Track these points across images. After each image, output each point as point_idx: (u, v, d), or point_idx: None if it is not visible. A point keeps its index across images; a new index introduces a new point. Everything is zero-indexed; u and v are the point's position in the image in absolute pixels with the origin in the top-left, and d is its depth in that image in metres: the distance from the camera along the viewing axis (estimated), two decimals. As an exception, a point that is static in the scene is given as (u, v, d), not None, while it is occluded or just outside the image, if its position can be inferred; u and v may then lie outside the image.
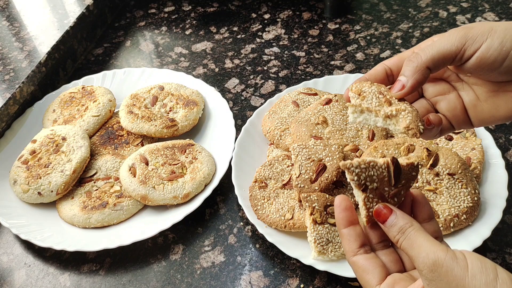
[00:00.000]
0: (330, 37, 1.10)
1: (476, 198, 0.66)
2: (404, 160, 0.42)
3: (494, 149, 0.74)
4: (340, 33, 1.10)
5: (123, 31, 1.21)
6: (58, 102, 0.92)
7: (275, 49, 1.08)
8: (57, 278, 0.70)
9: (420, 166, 0.69)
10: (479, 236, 0.64)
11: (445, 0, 1.16)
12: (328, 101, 0.79)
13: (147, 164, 0.77)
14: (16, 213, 0.75)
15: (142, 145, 0.84)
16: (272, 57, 1.06)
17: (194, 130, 0.89)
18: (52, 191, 0.75)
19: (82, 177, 0.79)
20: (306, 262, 0.63)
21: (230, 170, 0.76)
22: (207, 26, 1.18)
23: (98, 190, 0.77)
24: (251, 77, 1.01)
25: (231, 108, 0.93)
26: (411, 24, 1.10)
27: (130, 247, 0.71)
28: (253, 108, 0.93)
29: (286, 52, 1.07)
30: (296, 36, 1.11)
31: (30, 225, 0.74)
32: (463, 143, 0.74)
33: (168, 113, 0.87)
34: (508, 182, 0.69)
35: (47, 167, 0.77)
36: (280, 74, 1.01)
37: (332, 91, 0.87)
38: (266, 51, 1.08)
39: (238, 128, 0.85)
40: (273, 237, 0.67)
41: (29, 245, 0.74)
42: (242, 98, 0.97)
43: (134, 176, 0.75)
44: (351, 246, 0.43)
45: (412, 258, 0.38)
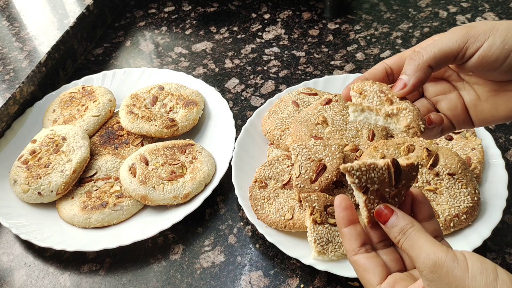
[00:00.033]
0: (330, 37, 1.10)
1: (476, 198, 0.66)
2: (404, 161, 0.42)
3: (494, 149, 0.74)
4: (340, 33, 1.10)
5: (123, 31, 1.21)
6: (58, 102, 0.92)
7: (275, 49, 1.08)
8: (57, 278, 0.70)
9: (420, 166, 0.69)
10: (479, 236, 0.64)
11: (445, 0, 1.16)
12: (328, 101, 0.79)
13: (147, 164, 0.77)
14: (16, 213, 0.75)
15: (142, 145, 0.84)
16: (272, 57, 1.06)
17: (194, 130, 0.89)
18: (52, 191, 0.75)
19: (82, 177, 0.79)
20: (306, 262, 0.63)
21: (230, 170, 0.76)
22: (207, 26, 1.18)
23: (98, 190, 0.77)
24: (251, 77, 1.01)
25: (231, 108, 0.93)
26: (411, 24, 1.10)
27: (130, 247, 0.71)
28: (253, 108, 0.93)
29: (286, 52, 1.07)
30: (296, 36, 1.11)
31: (30, 225, 0.74)
32: (463, 143, 0.74)
33: (168, 113, 0.87)
34: (508, 182, 0.69)
35: (47, 167, 0.77)
36: (280, 74, 1.01)
37: (332, 91, 0.87)
38: (266, 51, 1.08)
39: (238, 128, 0.85)
40: (273, 237, 0.67)
41: (29, 245, 0.74)
42: (242, 98, 0.97)
43: (134, 176, 0.75)
44: (352, 245, 0.43)
45: (413, 259, 0.38)
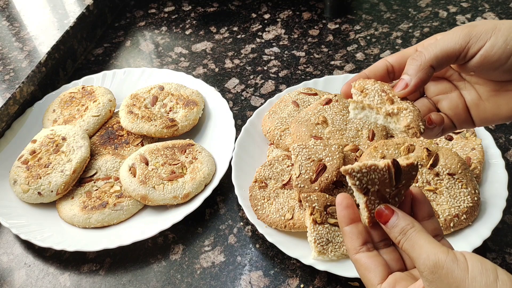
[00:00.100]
0: (330, 37, 1.10)
1: (476, 198, 0.66)
2: (404, 161, 0.42)
3: (494, 149, 0.74)
4: (340, 33, 1.10)
5: (123, 31, 1.21)
6: (58, 102, 0.92)
7: (275, 49, 1.08)
8: (57, 278, 0.70)
9: (420, 166, 0.69)
10: (479, 236, 0.64)
11: (445, 0, 1.16)
12: (328, 101, 0.79)
13: (147, 164, 0.77)
14: (16, 213, 0.75)
15: (142, 145, 0.84)
16: (272, 57, 1.06)
17: (194, 130, 0.89)
18: (52, 191, 0.75)
19: (82, 177, 0.79)
20: (306, 262, 0.63)
21: (230, 170, 0.76)
22: (207, 26, 1.18)
23: (98, 190, 0.77)
24: (251, 77, 1.01)
25: (231, 108, 0.93)
26: (411, 24, 1.10)
27: (130, 247, 0.71)
28: (253, 108, 0.93)
29: (286, 52, 1.07)
30: (296, 36, 1.11)
31: (30, 225, 0.74)
32: (463, 143, 0.74)
33: (168, 113, 0.87)
34: (508, 182, 0.69)
35: (47, 167, 0.77)
36: (280, 74, 1.01)
37: (332, 91, 0.87)
38: (266, 51, 1.08)
39: (238, 128, 0.85)
40: (273, 237, 0.67)
41: (29, 245, 0.74)
42: (242, 98, 0.97)
43: (134, 176, 0.75)
44: (353, 243, 0.43)
45: (413, 259, 0.38)
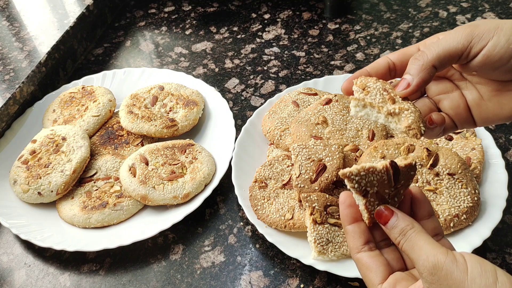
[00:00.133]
0: (330, 37, 1.10)
1: (476, 198, 0.66)
2: (402, 161, 0.42)
3: (494, 149, 0.74)
4: (340, 33, 1.10)
5: (123, 31, 1.21)
6: (58, 102, 0.92)
7: (275, 49, 1.08)
8: (57, 278, 0.70)
9: (420, 166, 0.69)
10: (479, 236, 0.64)
11: (445, 0, 1.16)
12: (328, 101, 0.79)
13: (147, 164, 0.77)
14: (16, 213, 0.75)
15: (142, 145, 0.84)
16: (272, 57, 1.06)
17: (194, 130, 0.89)
18: (52, 191, 0.75)
19: (82, 177, 0.79)
20: (306, 262, 0.63)
21: (230, 170, 0.76)
22: (207, 26, 1.18)
23: (98, 190, 0.77)
24: (251, 77, 1.01)
25: (231, 108, 0.93)
26: (411, 24, 1.10)
27: (130, 247, 0.71)
28: (253, 108, 0.93)
29: (286, 52, 1.07)
30: (296, 36, 1.11)
31: (30, 225, 0.74)
32: (463, 143, 0.74)
33: (168, 113, 0.87)
34: (508, 182, 0.69)
35: (47, 167, 0.77)
36: (280, 74, 1.01)
37: (332, 91, 0.87)
38: (266, 51, 1.08)
39: (238, 128, 0.85)
40: (273, 237, 0.67)
41: (29, 245, 0.74)
42: (242, 98, 0.97)
43: (134, 176, 0.75)
44: (355, 243, 0.43)
45: (413, 260, 0.38)
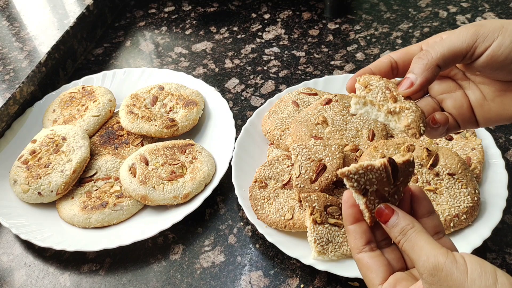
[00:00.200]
0: (330, 37, 1.10)
1: (476, 198, 0.66)
2: (400, 158, 0.42)
3: (494, 149, 0.74)
4: (340, 33, 1.10)
5: (123, 31, 1.21)
6: (58, 102, 0.92)
7: (275, 49, 1.08)
8: (57, 278, 0.70)
9: (420, 166, 0.69)
10: (479, 236, 0.64)
11: (445, 0, 1.16)
12: (328, 101, 0.79)
13: (147, 164, 0.77)
14: (16, 213, 0.75)
15: (142, 145, 0.84)
16: (272, 57, 1.06)
17: (194, 130, 0.89)
18: (52, 191, 0.75)
19: (82, 177, 0.79)
20: (306, 262, 0.63)
21: (230, 170, 0.76)
22: (207, 26, 1.18)
23: (98, 190, 0.77)
24: (251, 77, 1.01)
25: (231, 108, 0.93)
26: (411, 24, 1.10)
27: (130, 247, 0.71)
28: (253, 108, 0.93)
29: (286, 52, 1.07)
30: (296, 36, 1.11)
31: (30, 225, 0.74)
32: (463, 143, 0.74)
33: (168, 113, 0.87)
34: (508, 182, 0.69)
35: (47, 167, 0.77)
36: (280, 74, 1.01)
37: (332, 91, 0.87)
38: (266, 51, 1.08)
39: (238, 128, 0.85)
40: (273, 237, 0.67)
41: (29, 245, 0.74)
42: (242, 98, 0.97)
43: (134, 176, 0.75)
44: (356, 243, 0.43)
45: (413, 261, 0.38)
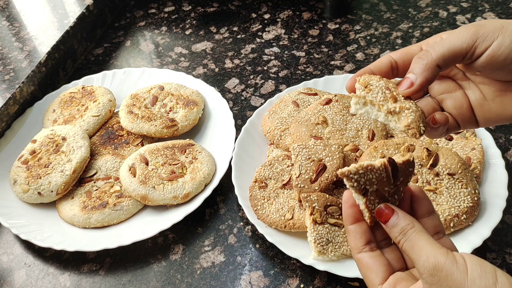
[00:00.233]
0: (330, 37, 1.10)
1: (476, 198, 0.66)
2: (400, 158, 0.42)
3: (494, 149, 0.74)
4: (340, 33, 1.10)
5: (123, 31, 1.21)
6: (58, 102, 0.92)
7: (275, 49, 1.08)
8: (57, 278, 0.70)
9: (420, 166, 0.69)
10: (479, 236, 0.64)
11: (445, 0, 1.16)
12: (328, 101, 0.79)
13: (147, 164, 0.77)
14: (16, 213, 0.75)
15: (142, 145, 0.84)
16: (272, 57, 1.06)
17: (194, 130, 0.89)
18: (52, 191, 0.75)
19: (82, 177, 0.79)
20: (306, 262, 0.63)
21: (230, 170, 0.76)
22: (207, 26, 1.18)
23: (98, 190, 0.77)
24: (251, 77, 1.01)
25: (231, 108, 0.93)
26: (411, 24, 1.10)
27: (130, 247, 0.71)
28: (253, 108, 0.93)
29: (286, 52, 1.07)
30: (296, 36, 1.11)
31: (30, 225, 0.74)
32: (463, 143, 0.74)
33: (168, 113, 0.87)
34: (508, 182, 0.69)
35: (47, 167, 0.77)
36: (280, 74, 1.01)
37: (332, 91, 0.87)
38: (266, 51, 1.08)
39: (238, 128, 0.85)
40: (273, 237, 0.67)
41: (29, 245, 0.74)
42: (242, 98, 0.97)
43: (134, 176, 0.75)
44: (357, 243, 0.43)
45: (413, 261, 0.38)
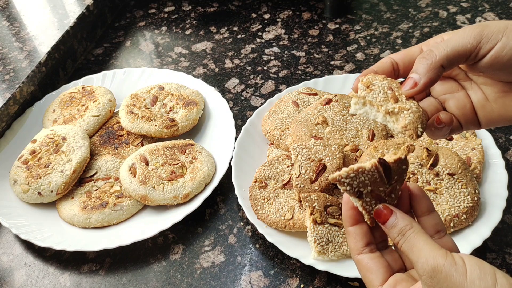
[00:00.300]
0: (330, 37, 1.10)
1: (476, 198, 0.66)
2: (391, 157, 0.42)
3: (494, 149, 0.74)
4: (340, 33, 1.10)
5: (123, 31, 1.21)
6: (58, 102, 0.92)
7: (275, 49, 1.08)
8: (57, 278, 0.70)
9: (420, 166, 0.69)
10: (479, 236, 0.64)
11: (445, 0, 1.16)
12: (328, 101, 0.79)
13: (147, 164, 0.77)
14: (16, 213, 0.75)
15: (142, 145, 0.84)
16: (272, 57, 1.06)
17: (194, 130, 0.89)
18: (52, 191, 0.75)
19: (82, 177, 0.79)
20: (306, 262, 0.63)
21: (230, 170, 0.76)
22: (207, 26, 1.18)
23: (98, 190, 0.77)
24: (251, 77, 1.01)
25: (231, 108, 0.93)
26: (411, 24, 1.10)
27: (130, 247, 0.71)
28: (253, 108, 0.93)
29: (286, 52, 1.07)
30: (296, 36, 1.11)
31: (30, 225, 0.74)
32: (463, 143, 0.74)
33: (168, 113, 0.87)
34: (508, 182, 0.69)
35: (47, 167, 0.77)
36: (280, 74, 1.01)
37: (332, 91, 0.87)
38: (266, 51, 1.08)
39: (238, 128, 0.85)
40: (273, 237, 0.67)
41: (29, 245, 0.74)
42: (242, 98, 0.97)
43: (134, 176, 0.75)
44: (356, 244, 0.43)
45: (412, 262, 0.38)
